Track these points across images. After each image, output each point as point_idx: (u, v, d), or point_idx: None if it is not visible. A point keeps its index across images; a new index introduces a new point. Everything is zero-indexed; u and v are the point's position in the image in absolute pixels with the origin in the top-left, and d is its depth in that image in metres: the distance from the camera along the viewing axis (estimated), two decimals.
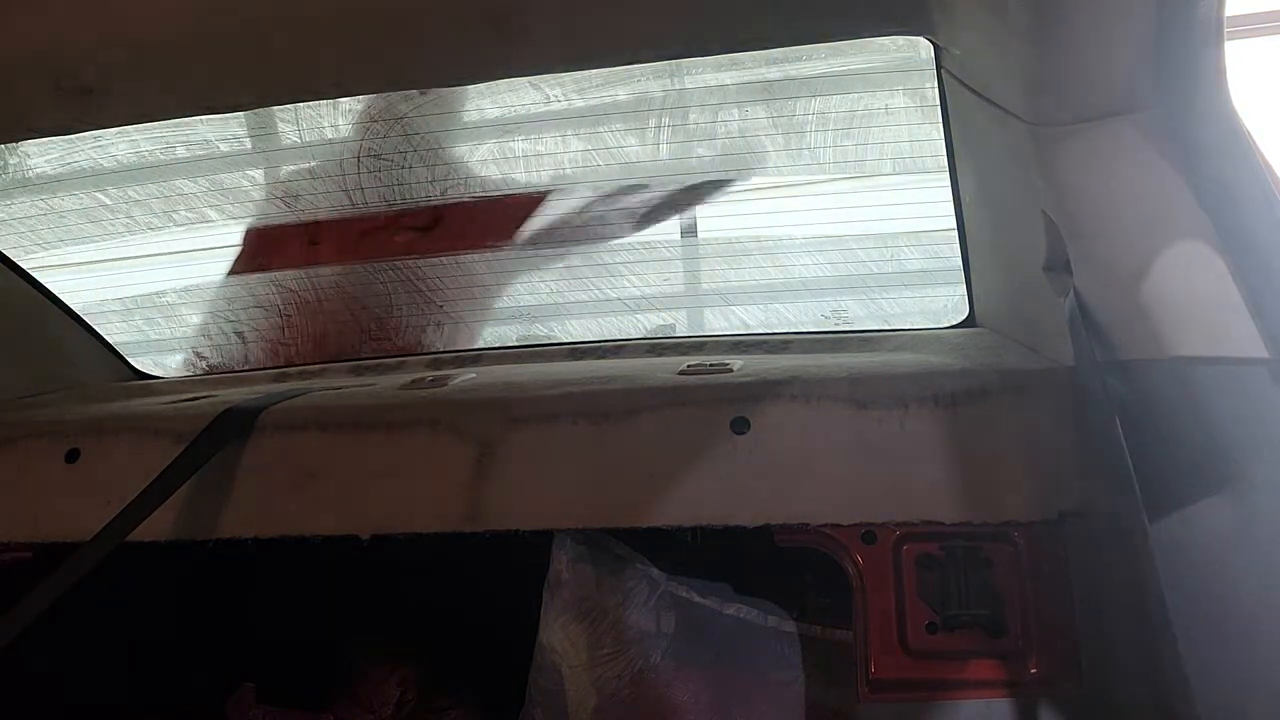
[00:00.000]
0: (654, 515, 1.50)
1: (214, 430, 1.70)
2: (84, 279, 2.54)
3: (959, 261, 1.90)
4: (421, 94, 2.26)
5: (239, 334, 2.58)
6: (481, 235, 2.45)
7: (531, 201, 2.37)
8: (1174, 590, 1.04)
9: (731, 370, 1.67)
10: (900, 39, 1.86)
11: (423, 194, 2.44)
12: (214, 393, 2.05)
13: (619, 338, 2.27)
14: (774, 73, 2.15)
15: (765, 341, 2.03)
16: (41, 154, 2.42)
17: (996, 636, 1.40)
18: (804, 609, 1.78)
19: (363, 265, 2.59)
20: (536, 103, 2.23)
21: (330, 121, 2.38)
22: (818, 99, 2.16)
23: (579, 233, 2.40)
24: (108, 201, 2.51)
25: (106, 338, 2.39)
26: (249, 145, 2.41)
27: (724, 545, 1.55)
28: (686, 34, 1.51)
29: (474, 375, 1.87)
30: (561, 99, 2.22)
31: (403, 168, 2.39)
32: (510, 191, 2.36)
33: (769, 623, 1.74)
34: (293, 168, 2.43)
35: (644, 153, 2.30)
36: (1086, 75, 1.13)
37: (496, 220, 2.42)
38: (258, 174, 2.47)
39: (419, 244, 2.48)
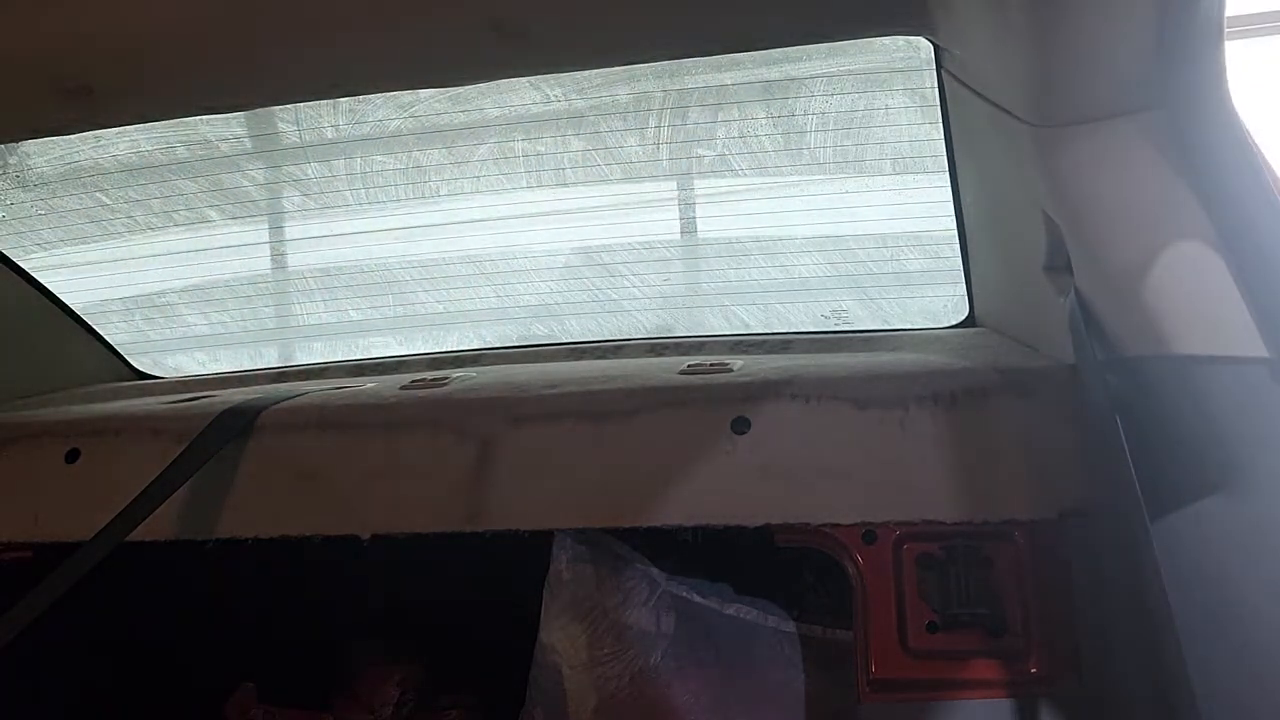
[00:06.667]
0: (654, 515, 1.50)
1: (214, 430, 1.69)
2: (84, 279, 2.54)
3: (959, 261, 1.90)
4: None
5: (239, 334, 2.58)
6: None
7: None
8: (1175, 588, 1.04)
9: (731, 370, 1.67)
10: (900, 39, 1.86)
11: (423, 192, 2.44)
12: (214, 393, 2.05)
13: (619, 338, 2.26)
14: (774, 73, 2.15)
15: (765, 341, 2.02)
16: (41, 154, 2.42)
17: (997, 636, 1.40)
18: (804, 609, 1.78)
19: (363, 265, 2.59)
20: (536, 103, 2.24)
21: (330, 121, 2.38)
22: (818, 99, 2.17)
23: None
24: (108, 201, 2.51)
25: (106, 338, 2.39)
26: (249, 145, 2.42)
27: (724, 545, 1.55)
28: (686, 34, 1.51)
29: (474, 375, 1.87)
30: (561, 99, 2.23)
31: (397, 168, 2.40)
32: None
33: (769, 623, 1.74)
34: (292, 166, 2.43)
35: (644, 153, 2.30)
36: (1087, 76, 1.13)
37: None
38: (258, 174, 2.47)
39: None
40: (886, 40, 1.95)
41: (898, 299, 2.32)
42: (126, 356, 2.44)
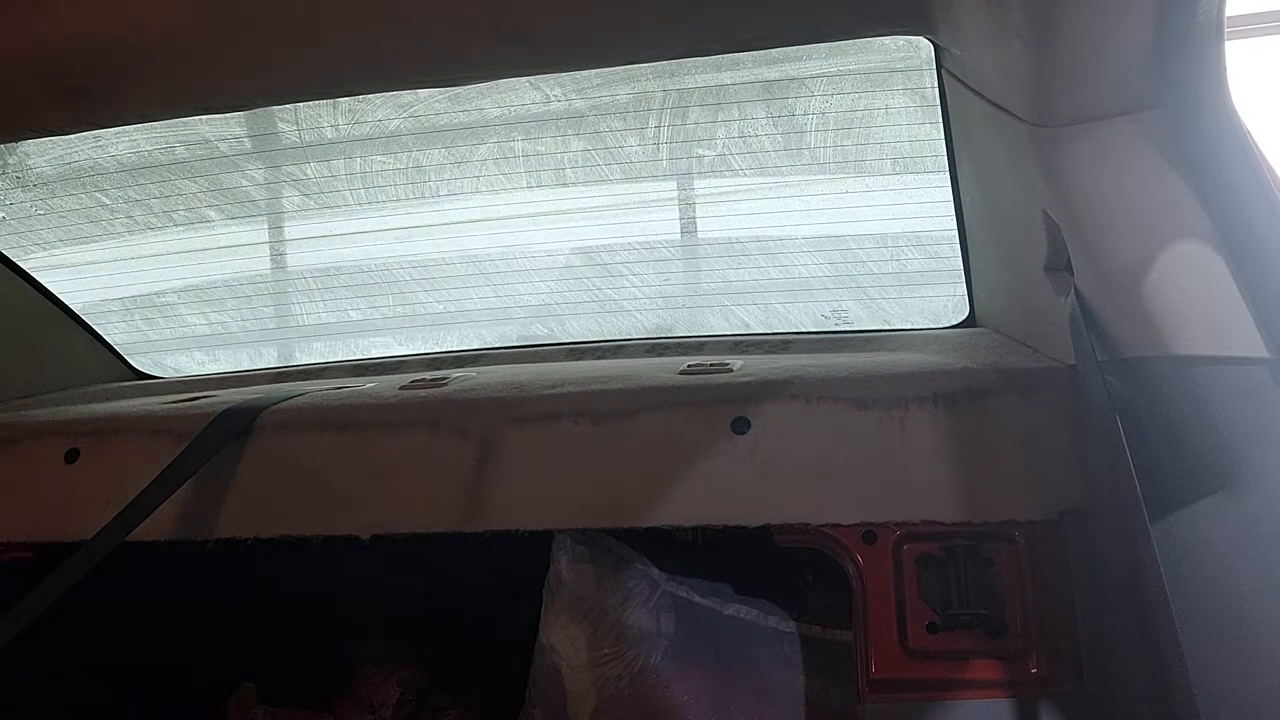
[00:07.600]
0: (654, 515, 1.50)
1: (214, 430, 1.69)
2: (84, 279, 2.55)
3: (959, 261, 1.90)
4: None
5: (238, 334, 2.58)
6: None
7: None
8: (1175, 589, 1.04)
9: (731, 370, 1.67)
10: (900, 39, 1.86)
11: (423, 192, 2.44)
12: (214, 393, 2.05)
13: (619, 338, 2.26)
14: (774, 73, 2.15)
15: (765, 341, 2.02)
16: (41, 154, 2.42)
17: (997, 636, 1.40)
18: (804, 609, 1.78)
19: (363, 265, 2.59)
20: (536, 103, 2.24)
21: (330, 121, 2.38)
22: (818, 99, 2.17)
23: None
24: (108, 201, 2.51)
25: (106, 338, 2.39)
26: (249, 145, 2.42)
27: (724, 545, 1.55)
28: (686, 34, 1.51)
29: (474, 375, 1.86)
30: (561, 99, 2.23)
31: (397, 168, 2.40)
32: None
33: (769, 623, 1.74)
34: (292, 166, 2.43)
35: (644, 153, 2.30)
36: (1087, 75, 1.13)
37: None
38: (258, 174, 2.47)
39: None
40: (886, 40, 1.95)
41: (898, 299, 2.32)
42: (126, 356, 2.44)
